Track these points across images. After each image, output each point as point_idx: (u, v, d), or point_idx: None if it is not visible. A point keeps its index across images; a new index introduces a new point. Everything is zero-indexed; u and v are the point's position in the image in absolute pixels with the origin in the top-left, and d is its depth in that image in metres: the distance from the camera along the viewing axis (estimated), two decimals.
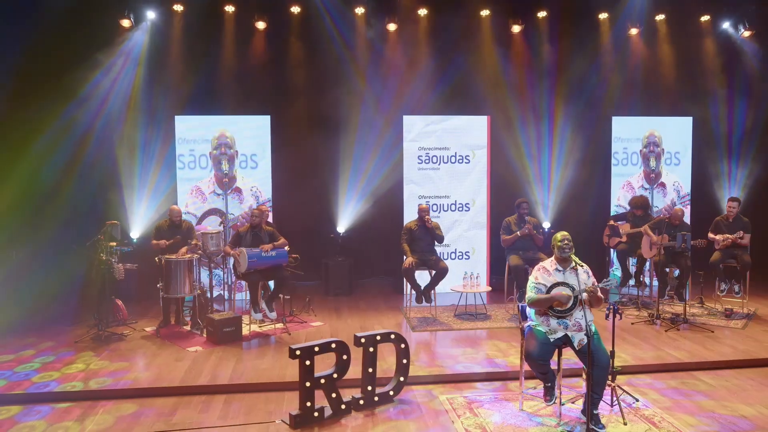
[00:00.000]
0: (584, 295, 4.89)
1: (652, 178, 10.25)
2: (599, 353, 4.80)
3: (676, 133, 10.25)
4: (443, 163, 9.67)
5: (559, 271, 5.04)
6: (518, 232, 8.30)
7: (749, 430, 4.91)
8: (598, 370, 4.79)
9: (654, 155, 10.21)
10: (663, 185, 10.27)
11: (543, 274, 5.05)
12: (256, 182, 9.56)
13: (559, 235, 5.10)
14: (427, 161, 9.65)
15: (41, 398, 5.62)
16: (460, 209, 9.72)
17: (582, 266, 5.01)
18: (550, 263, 5.13)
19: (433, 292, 8.13)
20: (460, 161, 9.69)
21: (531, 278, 5.10)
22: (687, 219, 10.01)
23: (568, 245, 5.01)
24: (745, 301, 8.45)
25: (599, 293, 4.96)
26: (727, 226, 8.42)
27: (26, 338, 7.32)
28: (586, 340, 4.75)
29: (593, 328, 4.86)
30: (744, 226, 8.31)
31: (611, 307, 5.05)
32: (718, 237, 8.36)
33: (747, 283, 8.43)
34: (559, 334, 4.94)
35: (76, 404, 5.50)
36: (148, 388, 5.81)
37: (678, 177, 10.27)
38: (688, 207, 10.25)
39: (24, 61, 7.98)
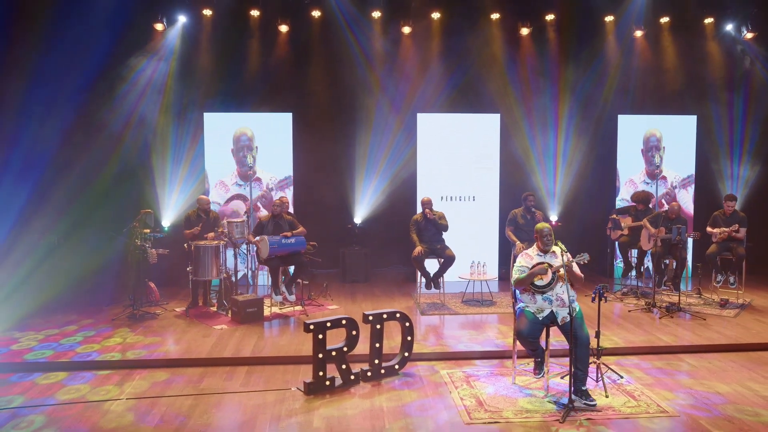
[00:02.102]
0: (562, 270, 5.36)
1: (656, 174, 10.67)
2: (580, 332, 5.30)
3: (680, 130, 10.68)
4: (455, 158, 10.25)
5: (540, 255, 5.54)
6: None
7: (720, 404, 5.36)
8: (580, 347, 5.29)
9: (657, 152, 10.64)
10: (664, 178, 10.70)
11: (526, 259, 5.56)
12: (279, 175, 10.21)
13: (541, 226, 5.60)
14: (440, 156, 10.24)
15: (84, 366, 6.27)
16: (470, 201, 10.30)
17: (559, 248, 5.51)
18: (532, 250, 5.63)
19: (441, 279, 8.66)
20: (472, 156, 10.26)
21: (516, 264, 5.62)
22: (690, 212, 10.45)
23: (549, 239, 5.51)
24: (741, 292, 8.86)
25: (576, 269, 5.47)
26: (724, 221, 8.81)
27: (68, 316, 8.03)
28: (569, 318, 5.27)
29: (577, 308, 5.39)
30: (740, 220, 8.70)
31: (597, 290, 5.53)
32: (715, 230, 8.77)
33: (743, 275, 8.83)
34: (546, 312, 5.45)
35: (115, 372, 6.15)
36: (178, 359, 6.44)
37: (682, 172, 10.69)
38: (688, 189, 10.64)
39: (64, 63, 8.61)
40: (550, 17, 10.55)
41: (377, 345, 6.00)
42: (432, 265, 8.76)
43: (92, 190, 8.77)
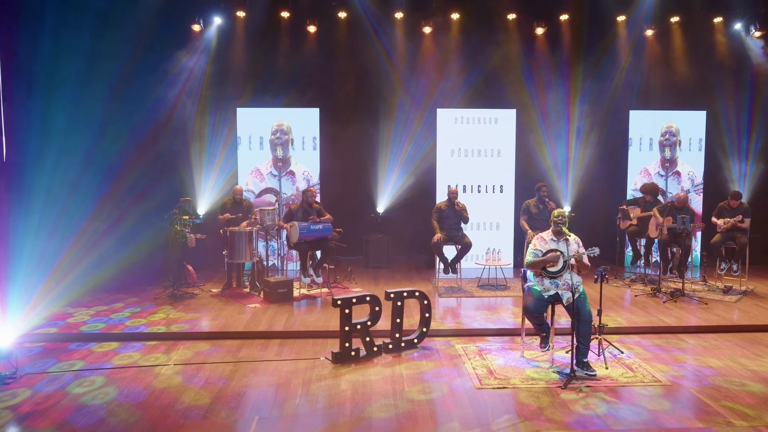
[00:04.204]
0: (572, 260, 5.94)
1: (667, 166, 11.13)
2: (583, 310, 5.85)
3: (690, 126, 11.15)
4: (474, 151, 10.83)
5: (554, 240, 6.11)
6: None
7: (710, 376, 5.87)
8: (582, 324, 5.84)
9: (669, 144, 11.10)
10: (678, 174, 11.13)
11: (540, 242, 6.13)
12: (307, 167, 10.87)
13: (556, 211, 6.16)
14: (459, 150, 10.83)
15: (134, 337, 6.97)
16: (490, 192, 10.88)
17: (570, 236, 6.07)
18: (547, 234, 6.21)
19: (458, 264, 9.23)
20: (489, 149, 10.82)
21: (530, 245, 6.19)
22: (699, 207, 10.89)
23: (562, 220, 6.08)
24: (744, 279, 9.30)
25: (585, 260, 6.01)
26: (729, 212, 9.25)
27: (115, 295, 8.75)
28: (572, 299, 5.83)
29: (581, 289, 5.94)
30: (744, 212, 9.13)
31: (599, 273, 6.07)
32: (720, 221, 9.22)
33: (747, 264, 9.27)
34: (551, 292, 6.01)
35: (162, 342, 6.84)
36: (217, 332, 7.12)
37: (692, 167, 11.14)
38: (701, 195, 11.08)
39: (110, 63, 9.27)
40: (564, 17, 11.05)
41: (398, 320, 6.59)
42: (450, 251, 9.33)
43: (135, 179, 9.42)
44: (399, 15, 10.83)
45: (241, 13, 10.65)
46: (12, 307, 6.81)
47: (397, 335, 6.60)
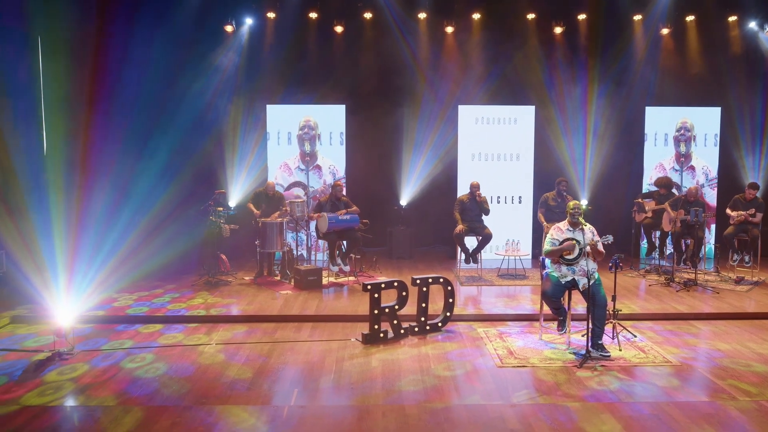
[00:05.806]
0: (588, 248, 6.33)
1: (682, 161, 11.44)
2: (598, 295, 6.23)
3: (705, 121, 11.45)
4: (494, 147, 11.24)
5: (570, 230, 6.49)
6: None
7: (718, 358, 6.24)
8: (598, 308, 6.22)
9: (684, 140, 11.41)
10: (692, 168, 11.43)
11: (557, 232, 6.52)
12: (334, 161, 11.33)
13: (572, 203, 6.55)
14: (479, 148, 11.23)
15: (177, 320, 7.48)
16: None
17: (586, 226, 6.46)
18: (563, 224, 6.59)
19: (479, 254, 9.64)
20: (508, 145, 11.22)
21: (548, 235, 6.59)
22: (713, 201, 11.19)
23: (578, 211, 6.46)
24: (756, 270, 9.62)
25: (599, 247, 6.39)
26: (743, 205, 9.56)
27: (153, 282, 9.25)
28: (588, 285, 6.22)
29: (596, 276, 6.33)
30: (758, 206, 9.43)
31: (614, 261, 6.45)
32: (733, 213, 9.54)
33: (758, 255, 9.58)
34: (568, 278, 6.41)
35: (202, 324, 7.34)
36: (254, 315, 7.59)
37: (706, 161, 11.43)
38: (715, 190, 11.38)
39: (150, 66, 9.76)
40: (582, 17, 11.38)
41: (423, 305, 7.03)
42: (471, 242, 9.73)
43: (180, 176, 9.93)
44: (422, 15, 11.23)
45: (271, 14, 11.10)
46: (74, 292, 7.33)
47: (423, 319, 7.02)
